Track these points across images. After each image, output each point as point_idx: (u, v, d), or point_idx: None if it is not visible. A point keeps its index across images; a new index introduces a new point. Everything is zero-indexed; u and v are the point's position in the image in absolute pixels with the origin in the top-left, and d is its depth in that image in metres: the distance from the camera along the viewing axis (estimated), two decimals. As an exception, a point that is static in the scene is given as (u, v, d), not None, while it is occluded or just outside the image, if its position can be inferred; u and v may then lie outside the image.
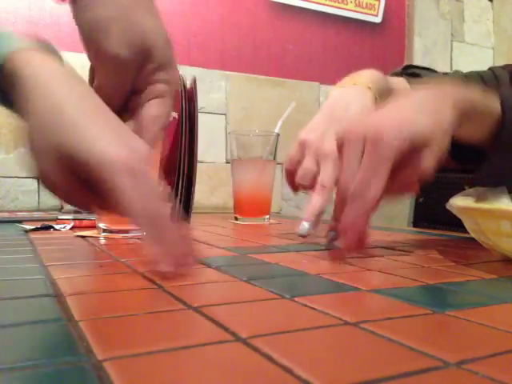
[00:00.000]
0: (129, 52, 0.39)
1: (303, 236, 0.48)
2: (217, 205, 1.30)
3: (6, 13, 1.09)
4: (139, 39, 0.39)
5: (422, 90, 0.43)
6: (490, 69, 0.71)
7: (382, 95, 0.58)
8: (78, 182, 0.32)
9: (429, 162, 0.38)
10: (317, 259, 0.38)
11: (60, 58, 0.40)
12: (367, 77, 0.58)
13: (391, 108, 0.40)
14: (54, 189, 0.33)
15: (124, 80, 0.40)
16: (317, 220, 0.49)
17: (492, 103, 0.46)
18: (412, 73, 0.70)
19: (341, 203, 0.38)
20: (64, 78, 0.35)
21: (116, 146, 0.30)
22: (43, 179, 0.33)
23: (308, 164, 0.50)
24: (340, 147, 0.40)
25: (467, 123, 0.43)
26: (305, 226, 0.48)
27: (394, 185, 0.38)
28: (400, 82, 0.65)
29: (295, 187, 0.53)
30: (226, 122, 1.34)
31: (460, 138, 0.45)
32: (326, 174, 0.49)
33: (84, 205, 0.35)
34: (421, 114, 0.38)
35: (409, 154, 0.37)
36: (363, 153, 0.37)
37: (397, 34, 1.63)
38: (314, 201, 0.49)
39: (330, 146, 0.49)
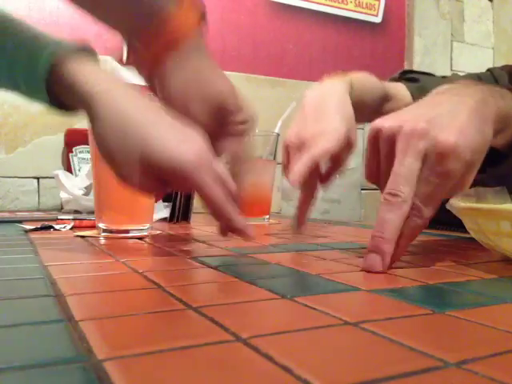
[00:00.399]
0: (209, 117, 0.43)
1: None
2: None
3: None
4: (217, 101, 0.43)
5: (469, 98, 0.37)
6: (488, 70, 0.71)
7: (372, 93, 0.58)
8: (153, 179, 0.37)
9: (470, 179, 0.35)
10: (317, 259, 0.38)
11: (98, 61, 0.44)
12: (348, 75, 0.57)
13: (449, 117, 0.35)
14: (133, 185, 0.38)
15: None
16: (302, 220, 0.51)
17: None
18: (410, 78, 0.70)
19: (401, 217, 0.33)
20: (127, 90, 0.39)
21: (189, 150, 0.36)
22: (127, 182, 0.38)
23: (293, 165, 0.49)
24: (376, 136, 0.36)
25: (499, 136, 0.40)
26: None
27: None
28: (398, 86, 0.65)
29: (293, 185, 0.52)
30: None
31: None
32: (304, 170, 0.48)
33: (160, 197, 0.44)
34: (478, 132, 0.35)
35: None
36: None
37: (397, 34, 1.63)
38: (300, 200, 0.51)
39: (308, 139, 0.48)
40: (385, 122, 0.35)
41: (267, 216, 0.78)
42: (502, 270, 0.34)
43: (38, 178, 1.17)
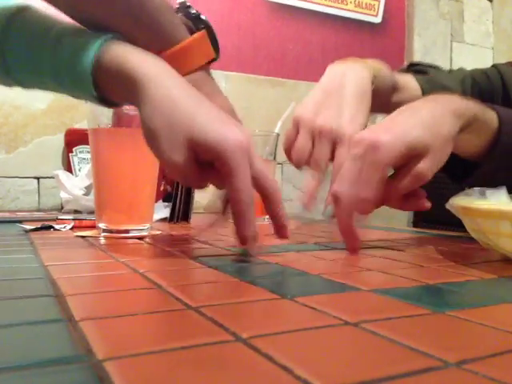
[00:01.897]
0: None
1: (301, 215, 0.50)
2: (217, 205, 1.30)
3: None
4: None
5: (423, 102, 0.44)
6: (494, 66, 0.71)
7: (384, 82, 0.58)
8: (197, 163, 0.37)
9: (425, 169, 0.40)
10: (317, 259, 0.38)
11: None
12: (368, 60, 0.58)
13: (387, 122, 0.42)
14: (177, 172, 0.38)
15: None
16: (311, 200, 0.50)
17: (489, 114, 0.47)
18: (419, 70, 0.70)
19: (344, 214, 0.40)
20: (174, 76, 0.40)
21: (235, 134, 0.36)
22: (171, 166, 0.37)
23: (301, 142, 0.50)
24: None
25: (468, 133, 0.45)
26: (299, 206, 0.48)
27: (392, 194, 0.41)
28: (407, 78, 0.65)
29: (296, 164, 0.52)
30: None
31: (458, 149, 0.46)
32: (320, 153, 0.49)
33: (202, 186, 0.41)
34: (417, 124, 0.40)
35: (406, 164, 0.40)
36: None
37: (397, 34, 1.63)
38: (308, 182, 0.50)
39: (323, 121, 0.49)
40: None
41: (267, 216, 0.78)
42: (502, 269, 0.34)
43: (38, 178, 1.17)
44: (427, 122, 0.41)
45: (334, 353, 0.17)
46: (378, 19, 1.59)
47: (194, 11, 0.45)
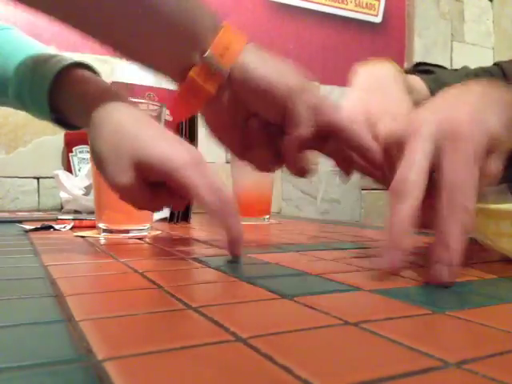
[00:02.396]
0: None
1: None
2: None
3: (5, 12, 1.09)
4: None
5: (476, 88, 0.37)
6: (496, 64, 0.70)
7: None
8: (145, 185, 0.38)
9: (498, 165, 0.32)
10: (317, 259, 0.38)
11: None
12: (390, 63, 0.55)
13: (459, 102, 0.34)
14: (125, 194, 0.39)
15: None
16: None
17: None
18: (425, 70, 0.68)
19: (412, 207, 0.30)
20: (123, 103, 0.40)
21: (180, 151, 0.37)
22: (117, 188, 0.38)
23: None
24: (389, 146, 0.35)
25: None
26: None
27: None
28: (414, 78, 0.63)
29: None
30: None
31: None
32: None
33: (156, 207, 0.41)
34: (492, 113, 0.33)
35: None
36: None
37: (397, 34, 1.63)
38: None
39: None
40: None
41: (267, 216, 0.78)
42: (502, 269, 0.34)
43: (37, 178, 1.17)
44: (498, 110, 0.33)
45: (334, 353, 0.17)
46: (378, 19, 1.59)
47: None
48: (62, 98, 0.43)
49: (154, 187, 0.38)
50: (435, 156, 0.30)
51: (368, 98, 0.47)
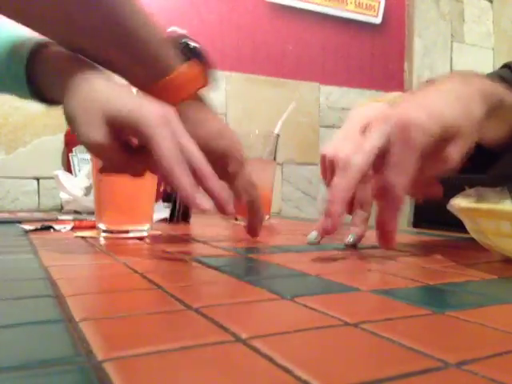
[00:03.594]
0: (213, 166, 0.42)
1: (312, 244, 0.43)
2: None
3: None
4: (221, 150, 0.46)
5: (449, 82, 0.41)
6: (506, 65, 0.68)
7: None
8: (117, 143, 0.37)
9: (455, 154, 0.36)
10: (317, 259, 0.38)
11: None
12: (391, 95, 0.57)
13: (418, 98, 0.38)
14: (100, 153, 0.38)
15: None
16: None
17: None
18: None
19: (348, 181, 0.35)
20: (95, 74, 0.41)
21: (152, 106, 0.36)
22: (91, 146, 0.37)
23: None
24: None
25: (493, 118, 0.41)
26: (313, 234, 0.43)
27: (419, 179, 0.36)
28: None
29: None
30: (225, 123, 1.34)
31: (481, 135, 0.42)
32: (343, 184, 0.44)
33: (135, 171, 0.40)
34: (450, 106, 0.37)
35: (435, 146, 0.36)
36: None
37: (397, 34, 1.63)
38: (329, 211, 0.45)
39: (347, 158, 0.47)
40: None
41: (267, 216, 0.78)
42: (502, 270, 0.34)
43: (38, 179, 1.17)
44: (459, 103, 0.37)
45: (334, 353, 0.17)
46: (378, 20, 1.59)
47: (183, 40, 0.45)
48: (40, 73, 0.43)
49: (132, 150, 0.38)
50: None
51: (343, 144, 0.50)
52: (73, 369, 0.15)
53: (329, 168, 0.50)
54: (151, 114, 0.35)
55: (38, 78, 0.44)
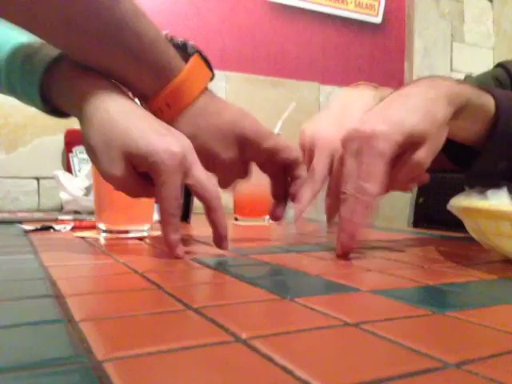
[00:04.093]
0: (234, 151, 0.45)
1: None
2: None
3: None
4: (240, 134, 0.44)
5: (414, 87, 0.43)
6: (500, 65, 0.68)
7: None
8: (136, 175, 0.38)
9: (423, 158, 0.39)
10: (317, 259, 0.38)
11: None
12: (377, 87, 0.58)
13: (382, 108, 0.41)
14: (120, 185, 0.39)
15: None
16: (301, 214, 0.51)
17: (485, 100, 0.45)
18: None
19: (334, 200, 0.40)
20: (114, 94, 0.41)
21: (168, 144, 0.37)
22: (112, 180, 0.39)
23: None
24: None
25: (462, 119, 0.43)
26: (291, 213, 0.49)
27: (392, 183, 0.39)
28: None
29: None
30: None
31: (453, 135, 0.45)
32: (318, 165, 0.49)
33: (152, 195, 0.40)
34: (412, 113, 0.39)
35: (403, 153, 0.39)
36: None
37: (397, 34, 1.63)
38: (304, 192, 0.48)
39: (323, 140, 0.50)
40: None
41: (267, 216, 0.78)
42: (502, 270, 0.34)
43: (38, 179, 1.17)
44: (422, 109, 0.40)
45: (334, 353, 0.17)
46: (378, 19, 1.59)
47: (180, 40, 0.45)
48: (53, 89, 0.43)
49: (148, 176, 0.39)
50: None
51: (321, 126, 0.54)
52: (73, 369, 0.15)
53: (307, 145, 0.53)
54: (168, 154, 0.36)
55: (52, 93, 0.43)
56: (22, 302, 0.24)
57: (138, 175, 0.39)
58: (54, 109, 0.45)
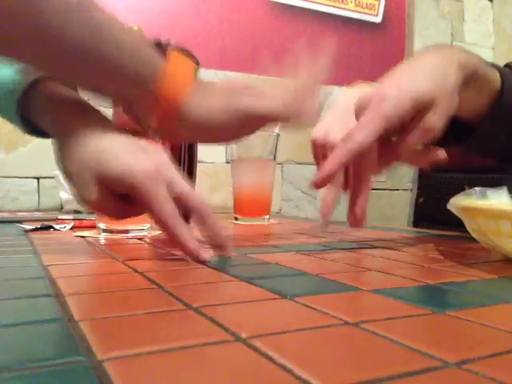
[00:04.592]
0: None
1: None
2: (217, 205, 1.30)
3: None
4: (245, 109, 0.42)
5: (427, 54, 0.44)
6: (507, 65, 0.68)
7: None
8: (114, 198, 0.38)
9: (434, 122, 0.39)
10: (317, 259, 0.38)
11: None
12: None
13: (394, 75, 0.42)
14: (99, 209, 0.40)
15: None
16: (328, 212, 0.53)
17: (491, 71, 0.46)
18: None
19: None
20: (83, 117, 0.41)
21: (141, 163, 0.36)
22: (89, 204, 0.39)
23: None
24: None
25: (469, 88, 0.44)
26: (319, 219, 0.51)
27: (405, 151, 0.40)
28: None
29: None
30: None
31: (459, 106, 0.44)
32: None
33: (131, 215, 0.41)
34: (422, 76, 0.40)
35: (414, 116, 0.39)
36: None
37: (397, 34, 1.63)
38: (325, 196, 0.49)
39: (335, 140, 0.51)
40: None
41: (267, 216, 0.78)
42: (503, 270, 0.34)
43: (37, 178, 1.17)
44: (432, 74, 0.40)
45: (334, 353, 0.17)
46: (378, 19, 1.59)
47: (154, 39, 0.44)
48: (31, 110, 0.43)
49: (126, 196, 0.38)
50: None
51: (332, 125, 0.54)
52: (73, 368, 0.15)
53: (321, 152, 0.53)
54: (143, 172, 0.36)
55: (30, 112, 0.43)
56: (22, 301, 0.24)
57: (117, 198, 0.38)
58: (36, 128, 0.45)
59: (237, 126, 0.42)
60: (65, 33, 0.35)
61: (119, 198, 0.38)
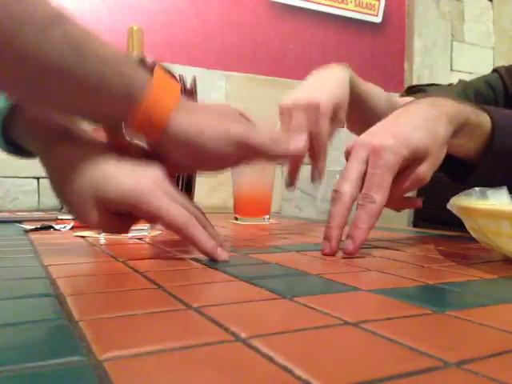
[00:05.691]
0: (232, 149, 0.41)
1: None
2: (217, 205, 1.30)
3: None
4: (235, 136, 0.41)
5: (418, 105, 0.45)
6: (495, 70, 0.71)
7: (365, 86, 0.63)
8: (115, 217, 0.39)
9: (425, 172, 0.42)
10: (317, 259, 0.38)
11: None
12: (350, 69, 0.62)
13: (389, 123, 0.44)
14: (99, 228, 0.41)
15: None
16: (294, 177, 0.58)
17: (482, 117, 0.48)
18: (417, 90, 0.72)
19: (343, 209, 0.41)
20: (75, 141, 0.40)
21: (138, 181, 0.37)
22: (90, 226, 0.39)
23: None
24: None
25: (461, 136, 0.46)
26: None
27: (395, 195, 0.41)
28: (406, 99, 0.66)
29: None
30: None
31: (452, 152, 0.48)
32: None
33: (123, 230, 0.42)
34: (416, 130, 0.41)
35: (406, 167, 0.41)
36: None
37: (397, 33, 1.63)
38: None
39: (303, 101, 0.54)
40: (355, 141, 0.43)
41: (267, 216, 0.78)
42: (503, 270, 0.34)
43: (37, 178, 1.17)
44: (425, 126, 0.42)
45: (334, 353, 0.17)
46: (378, 19, 1.59)
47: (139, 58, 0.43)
48: (15, 132, 0.43)
49: (128, 215, 0.39)
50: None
51: (300, 93, 0.57)
52: (72, 368, 0.15)
53: (287, 118, 0.56)
54: (141, 191, 0.36)
55: (14, 134, 0.43)
56: (22, 301, 0.24)
57: (114, 215, 0.38)
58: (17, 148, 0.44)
59: (228, 149, 0.40)
60: (43, 49, 0.33)
61: (119, 214, 0.38)
